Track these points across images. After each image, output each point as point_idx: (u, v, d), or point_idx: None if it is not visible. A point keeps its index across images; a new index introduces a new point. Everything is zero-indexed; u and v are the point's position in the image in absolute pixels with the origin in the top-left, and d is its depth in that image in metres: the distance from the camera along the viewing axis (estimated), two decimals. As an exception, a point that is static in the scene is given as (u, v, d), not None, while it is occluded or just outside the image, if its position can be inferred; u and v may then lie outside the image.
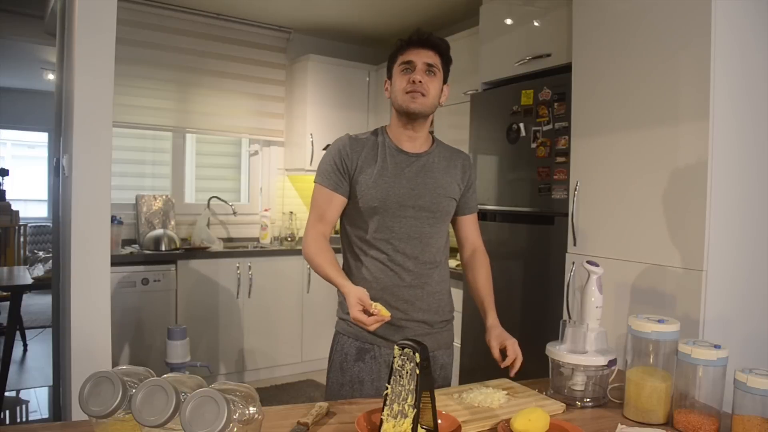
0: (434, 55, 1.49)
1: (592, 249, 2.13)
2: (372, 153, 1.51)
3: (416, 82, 1.44)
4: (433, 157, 1.55)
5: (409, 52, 1.48)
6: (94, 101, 2.02)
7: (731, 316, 1.76)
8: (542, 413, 1.13)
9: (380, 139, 1.54)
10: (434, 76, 1.48)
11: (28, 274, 3.33)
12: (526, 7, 2.64)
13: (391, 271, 1.50)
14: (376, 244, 1.50)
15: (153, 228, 3.81)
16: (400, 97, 1.47)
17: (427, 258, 1.52)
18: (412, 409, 1.08)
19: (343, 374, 1.53)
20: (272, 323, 3.91)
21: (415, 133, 1.52)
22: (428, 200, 1.50)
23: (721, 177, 1.74)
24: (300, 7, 3.89)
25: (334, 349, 1.58)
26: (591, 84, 2.15)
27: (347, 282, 1.38)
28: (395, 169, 1.50)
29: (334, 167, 1.50)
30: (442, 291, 1.58)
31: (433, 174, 1.53)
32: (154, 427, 0.84)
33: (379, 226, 1.49)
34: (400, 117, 1.51)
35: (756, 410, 1.09)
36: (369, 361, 1.51)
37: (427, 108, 1.48)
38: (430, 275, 1.54)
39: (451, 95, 3.56)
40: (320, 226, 1.52)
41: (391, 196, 1.48)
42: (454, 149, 1.64)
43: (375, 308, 1.30)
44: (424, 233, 1.51)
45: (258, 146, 4.47)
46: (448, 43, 1.54)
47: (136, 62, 3.77)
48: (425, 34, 1.49)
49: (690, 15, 1.78)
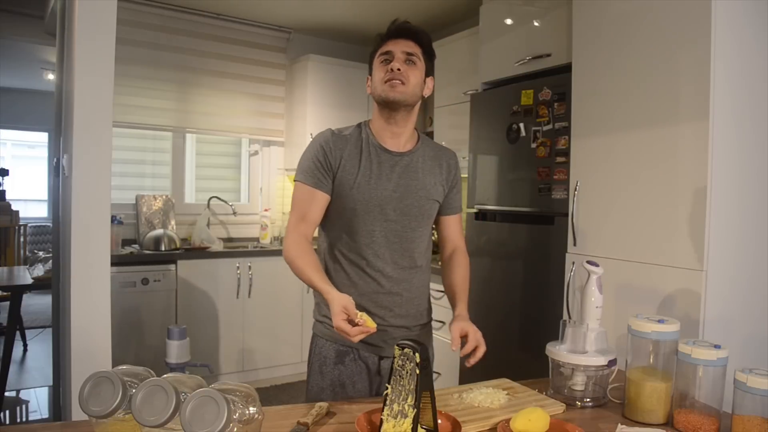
0: (413, 45, 1.42)
1: (592, 249, 2.13)
2: (355, 150, 1.44)
3: (395, 70, 1.37)
4: (417, 156, 1.48)
5: (388, 44, 1.42)
6: (94, 101, 2.02)
7: (731, 316, 1.76)
8: (542, 413, 1.13)
9: (363, 135, 1.46)
10: (414, 65, 1.41)
11: (28, 274, 3.33)
12: (526, 7, 2.64)
13: (369, 277, 1.44)
14: (355, 248, 1.44)
15: (153, 228, 3.81)
16: (380, 87, 1.40)
17: (408, 263, 1.47)
18: (412, 409, 1.08)
19: (323, 378, 1.48)
20: (272, 323, 3.91)
21: (398, 128, 1.45)
22: (411, 203, 1.45)
23: (721, 177, 1.74)
24: (300, 7, 3.89)
25: (312, 351, 1.53)
26: (591, 84, 2.15)
27: (331, 288, 1.30)
28: (378, 169, 1.43)
29: (317, 164, 1.42)
30: (421, 296, 1.54)
31: (416, 175, 1.47)
32: (154, 427, 0.84)
33: (360, 230, 1.43)
34: (382, 110, 1.44)
35: (756, 410, 1.09)
36: (349, 363, 1.47)
37: (408, 96, 1.40)
38: (410, 281, 1.49)
39: (451, 95, 3.60)
40: (302, 226, 1.43)
41: (374, 199, 1.42)
42: (440, 147, 1.58)
43: (360, 318, 1.23)
44: (405, 237, 1.46)
45: (258, 146, 4.47)
46: (429, 36, 1.46)
47: (136, 62, 3.77)
48: (403, 24, 1.43)
49: (690, 15, 1.78)
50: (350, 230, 1.44)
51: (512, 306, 2.60)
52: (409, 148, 1.48)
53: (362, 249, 1.44)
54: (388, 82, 1.38)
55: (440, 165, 1.52)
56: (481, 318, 2.78)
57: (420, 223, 1.48)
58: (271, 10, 3.99)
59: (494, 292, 2.72)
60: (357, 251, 1.44)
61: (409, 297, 1.49)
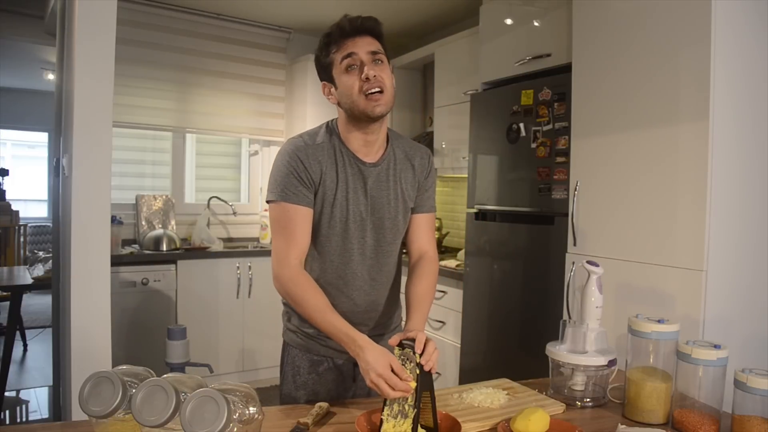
0: (373, 41, 1.28)
1: (592, 249, 2.13)
2: (330, 161, 1.32)
3: (370, 79, 1.24)
4: (387, 162, 1.37)
5: (346, 45, 1.26)
6: (94, 101, 2.03)
7: (731, 316, 1.76)
8: (542, 413, 1.13)
9: (335, 143, 1.34)
10: (382, 64, 1.28)
11: (28, 274, 3.33)
12: (526, 7, 2.64)
13: (345, 296, 1.37)
14: (332, 269, 1.36)
15: (153, 228, 3.81)
16: (359, 101, 1.25)
17: (384, 278, 1.41)
18: (412, 409, 1.08)
19: (296, 387, 1.42)
20: (272, 323, 3.87)
21: (373, 136, 1.33)
22: (383, 216, 1.36)
23: (721, 177, 1.74)
24: (300, 7, 3.89)
25: (284, 361, 1.46)
26: (591, 84, 2.15)
27: (366, 339, 1.17)
28: (353, 182, 1.33)
29: (297, 178, 1.29)
30: (392, 309, 1.48)
31: (387, 183, 1.37)
32: (154, 427, 0.84)
33: (338, 249, 1.35)
34: (357, 122, 1.30)
35: (756, 410, 1.10)
36: (323, 372, 1.42)
37: (390, 105, 1.28)
38: (384, 295, 1.43)
39: (451, 95, 3.60)
40: (294, 254, 1.28)
41: (352, 215, 1.33)
42: (411, 145, 1.44)
43: (408, 374, 1.11)
44: (381, 252, 1.38)
45: (258, 146, 4.47)
46: (380, 22, 1.31)
47: (136, 62, 3.77)
48: (357, 20, 1.27)
49: (690, 15, 1.78)
50: (327, 249, 1.35)
51: (512, 306, 2.60)
52: (381, 155, 1.37)
53: (340, 268, 1.36)
54: (368, 96, 1.25)
55: (412, 166, 1.41)
56: (482, 318, 2.79)
57: (395, 236, 1.41)
58: (271, 10, 3.99)
59: (494, 292, 2.72)
60: (334, 271, 1.36)
61: (384, 310, 1.44)
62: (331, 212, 1.32)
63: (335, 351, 1.38)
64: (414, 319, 1.29)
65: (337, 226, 1.34)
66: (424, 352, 1.12)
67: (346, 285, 1.37)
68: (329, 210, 1.32)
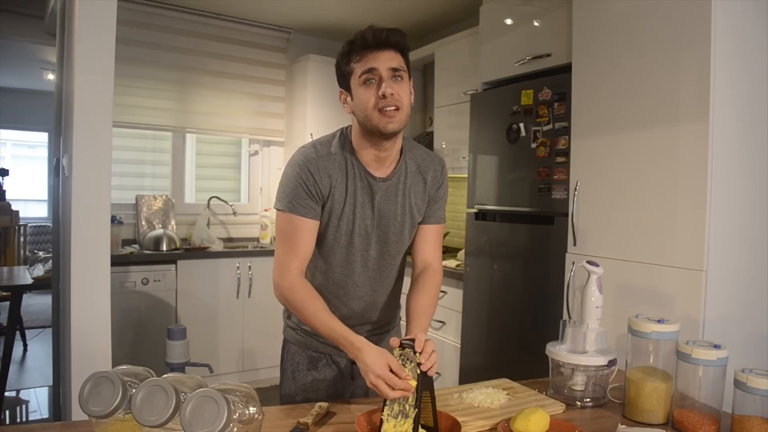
0: (396, 55, 1.25)
1: (592, 249, 2.13)
2: (341, 174, 1.31)
3: (387, 96, 1.22)
4: (398, 177, 1.36)
5: (368, 58, 1.24)
6: (94, 101, 2.03)
7: (731, 316, 1.76)
8: (542, 413, 1.13)
9: (347, 154, 1.32)
10: (402, 80, 1.26)
11: (28, 274, 3.33)
12: (526, 7, 2.64)
13: (345, 305, 1.40)
14: (333, 278, 1.38)
15: (153, 228, 3.81)
16: (373, 116, 1.24)
17: (385, 289, 1.43)
18: (412, 409, 1.08)
19: (295, 384, 1.45)
20: (272, 323, 3.89)
21: (386, 153, 1.31)
22: (388, 230, 1.36)
23: (721, 177, 1.74)
24: (300, 7, 3.89)
25: (284, 357, 1.49)
26: (591, 84, 2.15)
27: (365, 341, 1.18)
28: (362, 196, 1.33)
29: (305, 190, 1.29)
30: (394, 308, 1.51)
31: (396, 198, 1.35)
32: (154, 427, 0.84)
33: (341, 260, 1.36)
34: (371, 137, 1.28)
35: (756, 410, 1.10)
36: (322, 369, 1.44)
37: (404, 123, 1.27)
38: (382, 301, 1.44)
39: (451, 95, 3.60)
40: (295, 263, 1.29)
41: (357, 229, 1.33)
42: (426, 156, 1.42)
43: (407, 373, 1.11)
44: (384, 265, 1.40)
45: (258, 146, 4.47)
46: (405, 35, 1.28)
47: (136, 62, 3.77)
48: (382, 33, 1.24)
49: (690, 15, 1.78)
50: (330, 260, 1.37)
51: (512, 306, 2.60)
52: (392, 169, 1.35)
53: (341, 279, 1.38)
54: (382, 112, 1.23)
55: (424, 180, 1.39)
56: (482, 318, 2.79)
57: (399, 250, 1.41)
58: (271, 10, 3.99)
59: (494, 292, 2.72)
60: (335, 281, 1.38)
61: (384, 311, 1.46)
62: (338, 225, 1.33)
63: (333, 348, 1.38)
64: (414, 331, 1.29)
65: (342, 239, 1.34)
66: (423, 352, 1.12)
67: (346, 294, 1.40)
68: (336, 222, 1.33)
